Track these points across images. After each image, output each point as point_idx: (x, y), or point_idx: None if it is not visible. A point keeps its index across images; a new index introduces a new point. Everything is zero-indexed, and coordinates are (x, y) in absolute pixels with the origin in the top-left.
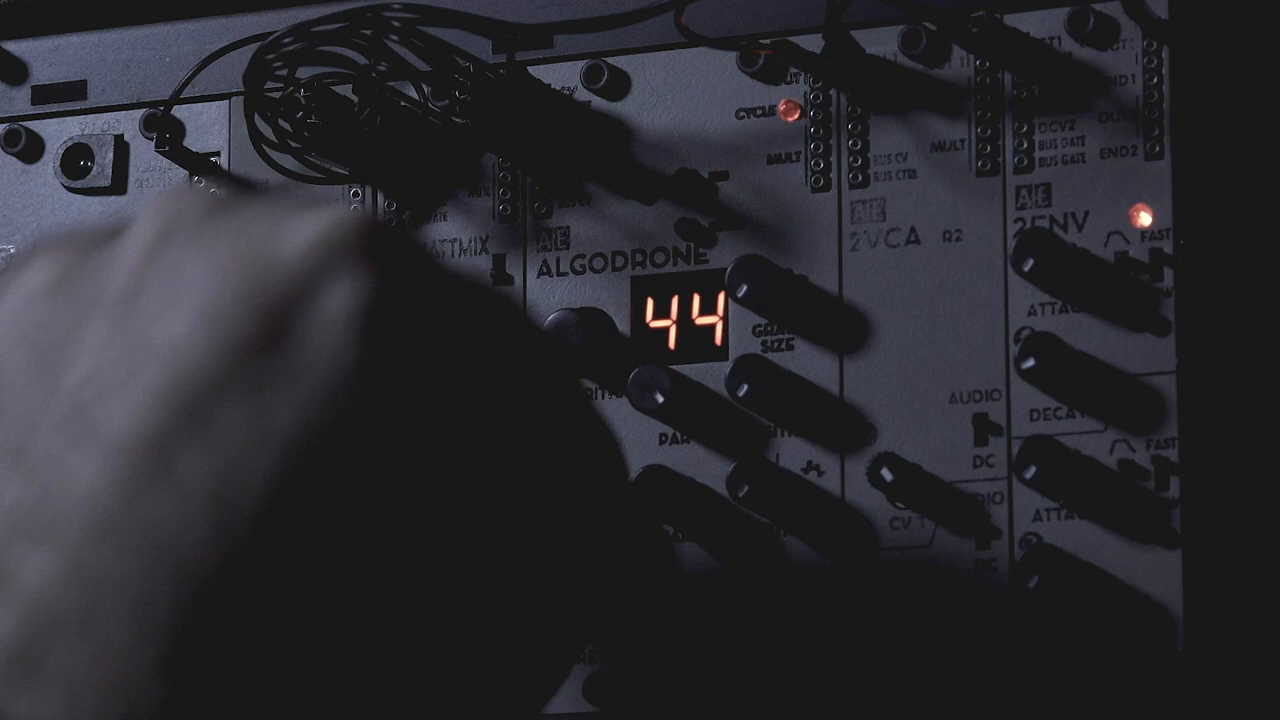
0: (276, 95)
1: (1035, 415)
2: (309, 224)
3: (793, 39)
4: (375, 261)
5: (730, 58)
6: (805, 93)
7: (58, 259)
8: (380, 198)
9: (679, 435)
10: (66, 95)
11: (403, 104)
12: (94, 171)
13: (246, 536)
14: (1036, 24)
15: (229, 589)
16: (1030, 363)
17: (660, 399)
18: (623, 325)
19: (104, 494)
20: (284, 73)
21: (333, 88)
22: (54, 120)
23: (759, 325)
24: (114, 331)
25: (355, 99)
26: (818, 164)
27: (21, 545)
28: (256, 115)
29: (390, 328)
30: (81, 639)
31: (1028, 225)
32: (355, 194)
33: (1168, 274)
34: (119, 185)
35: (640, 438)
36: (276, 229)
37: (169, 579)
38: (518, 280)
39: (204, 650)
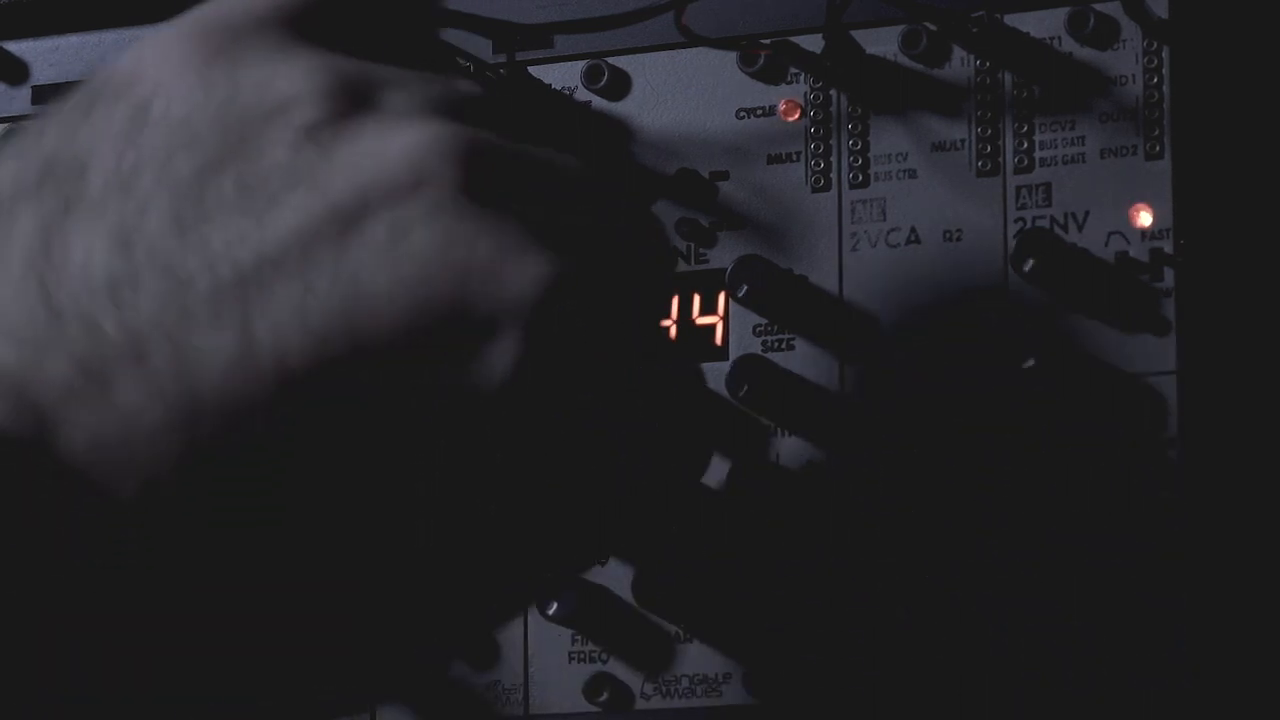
0: None
1: (1035, 415)
2: (527, 269)
3: (793, 39)
4: (558, 330)
5: (730, 58)
6: (805, 93)
7: (334, 108)
8: None
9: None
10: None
11: None
12: None
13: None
14: (1036, 24)
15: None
16: (1030, 362)
17: None
18: None
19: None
20: None
21: None
22: None
23: (759, 325)
24: (319, 235)
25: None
26: (818, 164)
27: (137, 370)
28: None
29: (537, 398)
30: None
31: (1028, 225)
32: None
33: (1168, 274)
34: None
35: None
36: (508, 259)
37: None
38: None
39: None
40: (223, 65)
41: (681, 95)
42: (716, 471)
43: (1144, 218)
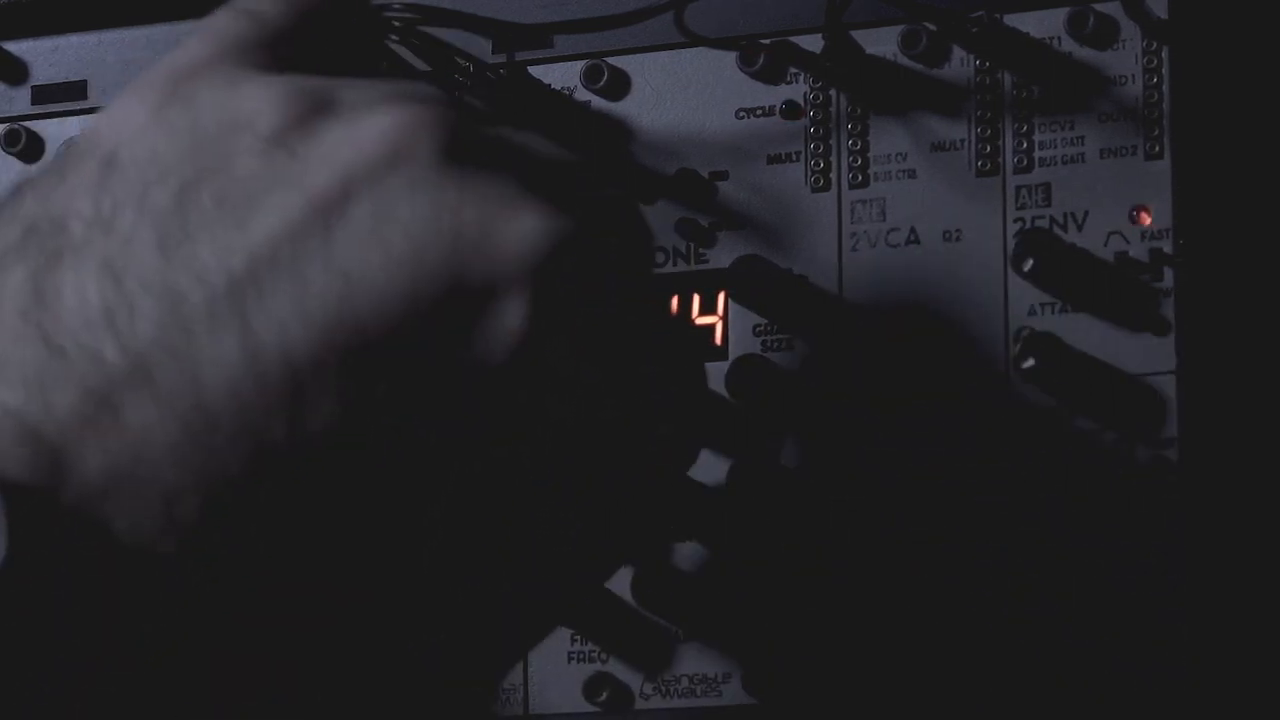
0: None
1: (1035, 414)
2: (531, 231)
3: (793, 39)
4: (566, 288)
5: (730, 58)
6: (805, 93)
7: (292, 110)
8: None
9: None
10: (66, 95)
11: None
12: None
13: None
14: (1036, 24)
15: (344, 470)
16: (1030, 363)
17: None
18: None
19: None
20: None
21: None
22: (54, 120)
23: (759, 325)
24: (307, 226)
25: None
26: (818, 164)
27: (140, 392)
28: None
29: (542, 353)
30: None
31: (1028, 225)
32: None
33: (1168, 274)
34: None
35: None
36: (502, 216)
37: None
38: None
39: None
40: (179, 104)
41: (681, 95)
42: (717, 471)
43: (1144, 218)
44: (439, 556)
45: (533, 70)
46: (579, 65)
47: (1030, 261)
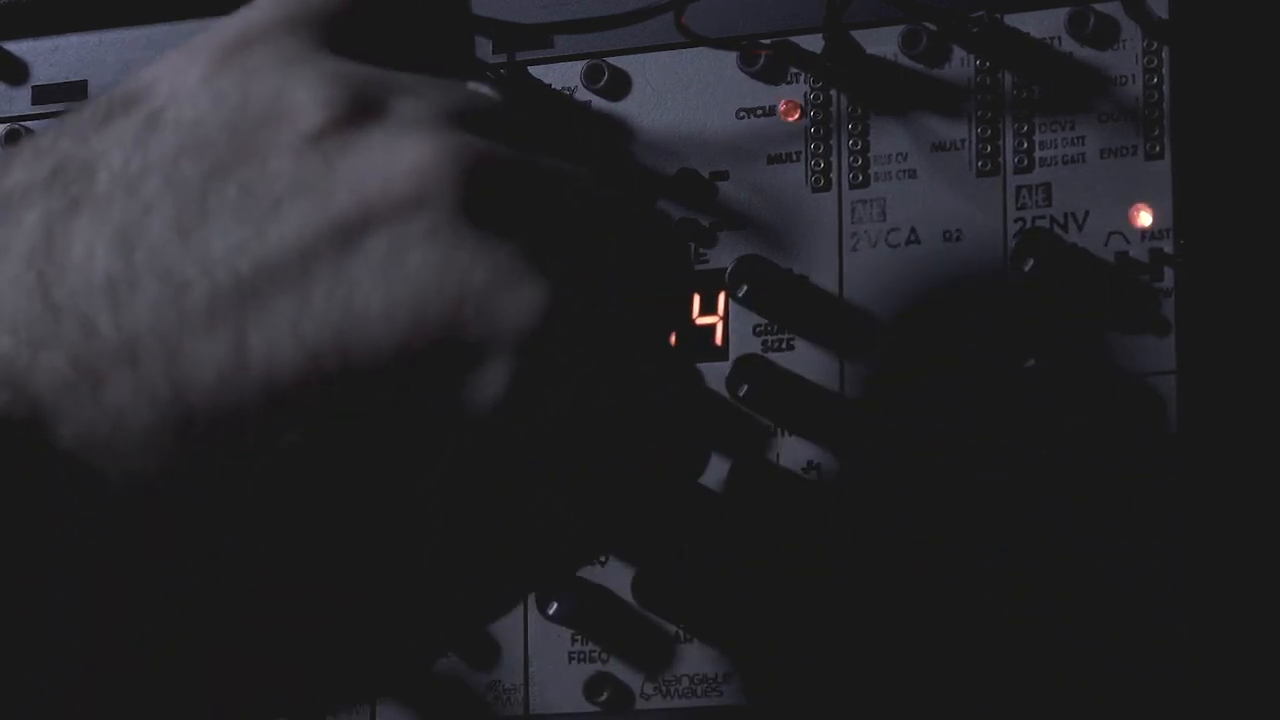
0: None
1: (1035, 415)
2: (530, 301)
3: (793, 39)
4: (548, 347)
5: (730, 58)
6: (805, 93)
7: (341, 114)
8: None
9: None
10: (66, 95)
11: None
12: None
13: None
14: (1036, 24)
15: (346, 442)
16: (1030, 363)
17: None
18: None
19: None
20: None
21: None
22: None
23: (759, 325)
24: (320, 242)
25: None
26: (818, 164)
27: (131, 367)
28: None
29: (531, 409)
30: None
31: (1028, 225)
32: None
33: (1168, 274)
34: None
35: None
36: (500, 284)
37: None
38: None
39: (316, 505)
40: (234, 73)
41: (681, 95)
42: (716, 471)
43: (1144, 218)
44: (438, 555)
45: (533, 70)
46: (579, 65)
47: (1030, 261)
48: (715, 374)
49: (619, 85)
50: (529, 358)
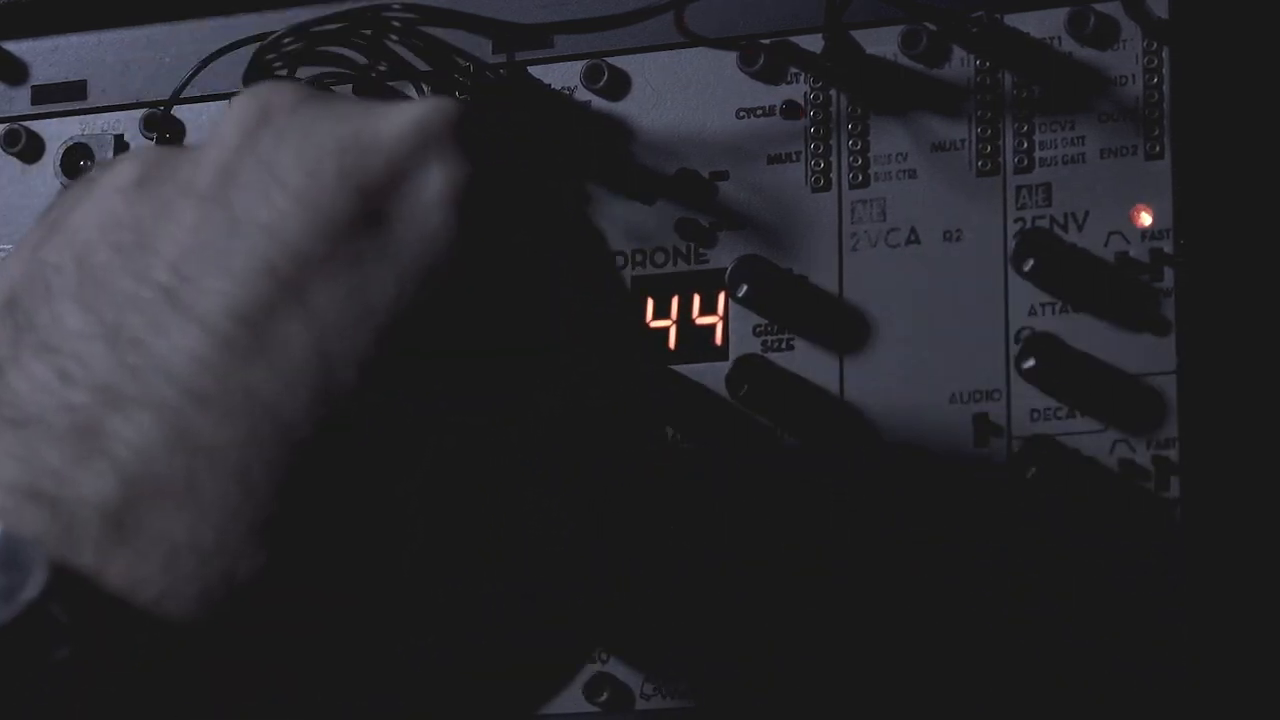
0: None
1: (1035, 415)
2: (403, 112)
3: (793, 39)
4: (468, 147)
5: (730, 58)
6: (805, 93)
7: (145, 159)
8: None
9: (678, 436)
10: (66, 95)
11: None
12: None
13: (345, 404)
14: (1036, 24)
15: (327, 456)
16: (1030, 363)
17: None
18: None
19: (203, 363)
20: (284, 73)
21: (333, 88)
22: (54, 120)
23: (759, 325)
24: (205, 216)
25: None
26: (818, 164)
27: (121, 412)
28: None
29: (484, 210)
30: (180, 502)
31: (1028, 225)
32: None
33: (1168, 274)
34: None
35: None
36: (370, 117)
37: (269, 445)
38: None
39: (302, 516)
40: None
41: (681, 95)
42: (716, 471)
43: (1144, 218)
44: (418, 559)
45: (533, 70)
46: (579, 65)
47: (1030, 261)
48: (715, 374)
49: (619, 85)
50: (441, 148)
